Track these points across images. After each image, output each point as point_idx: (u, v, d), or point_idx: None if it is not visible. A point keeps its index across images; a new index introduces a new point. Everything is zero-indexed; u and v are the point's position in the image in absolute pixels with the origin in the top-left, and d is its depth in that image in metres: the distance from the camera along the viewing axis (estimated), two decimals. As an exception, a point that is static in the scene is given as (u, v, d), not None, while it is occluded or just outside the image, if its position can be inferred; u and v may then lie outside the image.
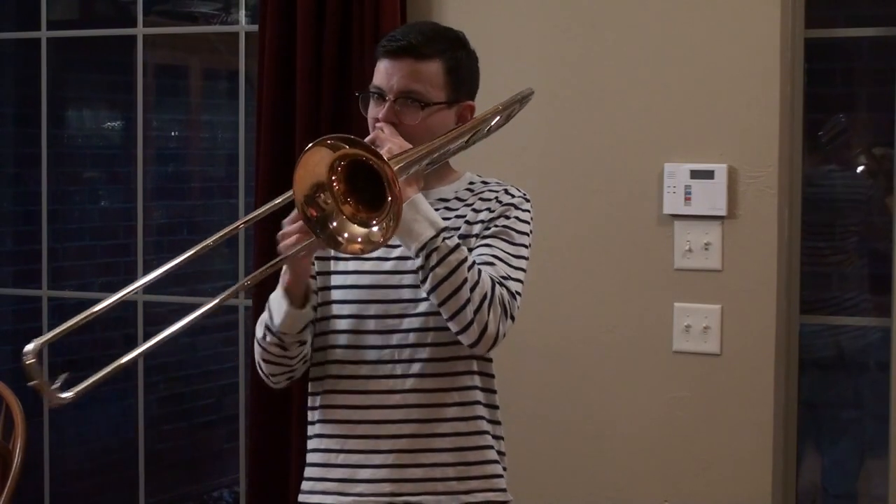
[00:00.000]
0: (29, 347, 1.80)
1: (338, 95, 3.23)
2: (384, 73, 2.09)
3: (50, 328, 3.98)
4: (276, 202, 2.01)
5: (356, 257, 2.10)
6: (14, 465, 2.81)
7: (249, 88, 3.70)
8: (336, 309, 2.12)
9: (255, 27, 3.46)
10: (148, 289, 3.87)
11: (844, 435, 3.58)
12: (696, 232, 3.03)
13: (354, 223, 1.85)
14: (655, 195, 3.06)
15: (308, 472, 2.18)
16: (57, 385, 1.81)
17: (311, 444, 2.18)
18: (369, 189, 1.83)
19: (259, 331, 2.10)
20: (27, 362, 1.79)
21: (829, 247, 3.30)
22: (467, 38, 2.19)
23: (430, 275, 1.95)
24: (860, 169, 3.41)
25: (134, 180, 3.90)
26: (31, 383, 1.78)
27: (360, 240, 1.85)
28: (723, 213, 2.99)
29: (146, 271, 3.87)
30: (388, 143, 1.98)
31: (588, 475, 3.15)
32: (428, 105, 2.07)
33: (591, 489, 3.14)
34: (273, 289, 2.71)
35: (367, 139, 2.03)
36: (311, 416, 2.18)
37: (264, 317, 2.08)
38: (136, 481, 3.92)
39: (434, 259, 1.94)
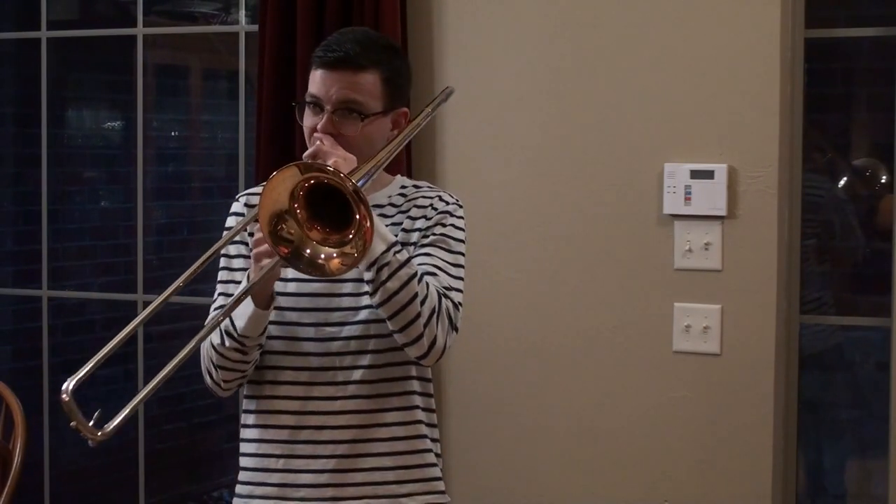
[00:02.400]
0: (64, 386, 1.80)
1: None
2: (321, 83, 2.09)
3: (50, 328, 4.02)
4: (237, 229, 2.04)
5: None
6: (14, 465, 2.81)
7: (249, 88, 3.70)
8: (275, 315, 2.12)
9: (255, 27, 3.46)
10: (148, 289, 3.90)
11: (844, 435, 3.58)
12: (696, 232, 3.03)
13: (325, 246, 1.86)
14: (655, 195, 3.06)
15: (244, 476, 2.19)
16: (93, 423, 1.83)
17: (247, 447, 2.19)
18: (329, 209, 1.84)
19: (216, 337, 2.08)
20: (64, 399, 1.79)
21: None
22: (400, 47, 2.24)
23: (381, 289, 1.97)
24: (842, 183, 3.40)
25: (134, 180, 3.90)
26: (71, 424, 1.81)
27: (335, 255, 1.85)
28: (723, 213, 2.99)
29: (146, 271, 3.89)
30: (332, 155, 2.00)
31: (588, 475, 3.14)
32: (367, 116, 2.08)
33: (591, 489, 3.14)
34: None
35: (308, 152, 2.05)
36: (247, 419, 2.19)
37: (223, 323, 2.05)
38: (136, 481, 3.92)
39: (385, 274, 1.96)
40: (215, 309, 2.17)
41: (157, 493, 4.32)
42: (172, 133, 4.86)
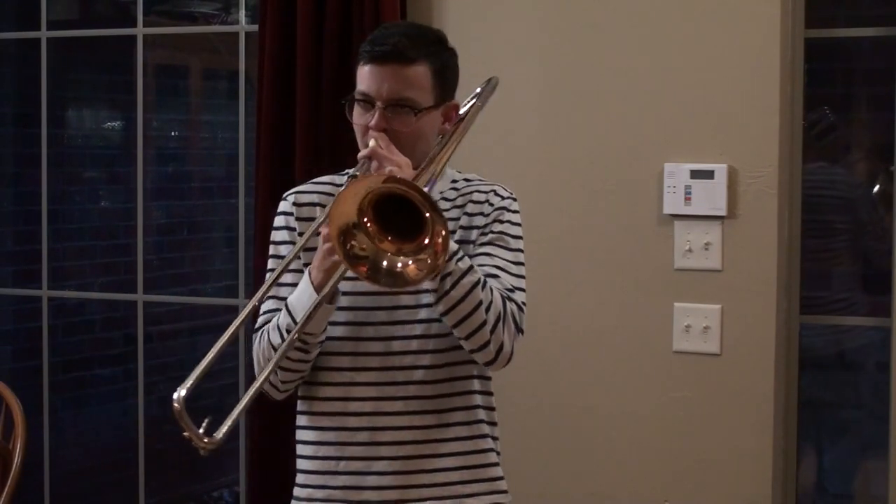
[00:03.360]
0: (175, 395, 1.81)
1: (338, 95, 3.22)
2: (371, 79, 2.04)
3: (50, 328, 4.02)
4: (307, 237, 1.99)
5: None
6: (14, 465, 2.81)
7: (249, 88, 3.70)
8: (334, 316, 2.07)
9: (255, 27, 3.46)
10: (148, 289, 3.90)
11: (844, 435, 3.58)
12: (696, 232, 3.03)
13: (400, 256, 1.82)
14: (655, 195, 3.06)
15: (304, 478, 2.16)
16: (203, 430, 1.80)
17: (305, 449, 2.16)
18: (396, 217, 1.81)
19: (275, 337, 2.03)
20: (176, 408, 1.79)
21: (818, 245, 3.29)
22: (446, 36, 2.16)
23: (445, 298, 1.94)
24: (876, 190, 3.39)
25: (134, 180, 3.90)
26: (184, 434, 1.80)
27: (411, 262, 1.82)
28: (723, 213, 2.99)
29: (146, 271, 3.89)
30: (389, 161, 1.95)
31: (588, 475, 3.14)
32: (419, 111, 2.04)
33: (591, 489, 3.14)
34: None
35: (363, 153, 2.01)
36: (302, 420, 2.16)
37: (283, 322, 2.02)
38: (136, 481, 3.92)
39: (448, 283, 1.92)
40: (265, 312, 2.11)
41: (157, 493, 4.32)
42: (172, 133, 4.86)
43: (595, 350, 3.12)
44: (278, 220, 2.17)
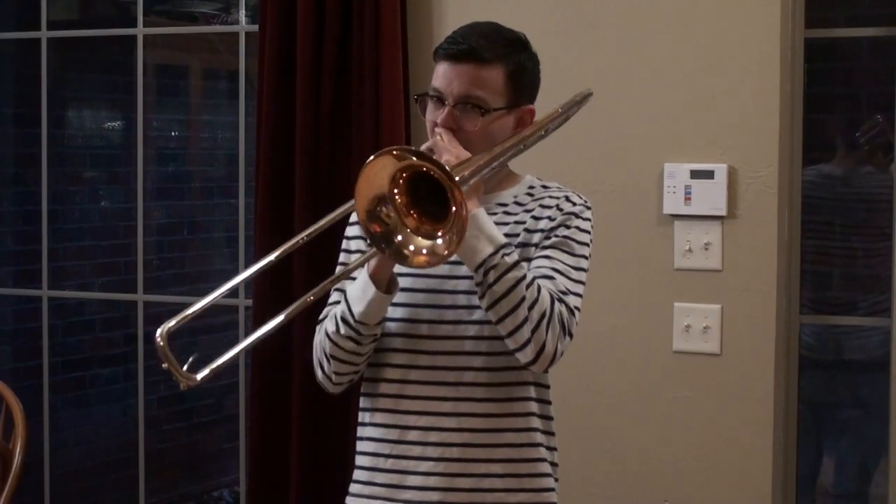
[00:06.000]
0: (159, 331, 1.77)
1: (338, 95, 3.23)
2: (444, 76, 2.05)
3: (50, 328, 4.02)
4: (338, 213, 1.97)
5: None
6: (14, 465, 2.81)
7: (249, 88, 3.70)
8: (390, 312, 2.06)
9: (255, 27, 3.46)
10: (148, 289, 3.91)
11: (845, 435, 3.58)
12: (696, 232, 3.03)
13: (419, 235, 1.82)
14: (655, 195, 3.06)
15: (356, 474, 2.14)
16: (186, 367, 1.78)
17: (361, 446, 2.14)
18: (431, 200, 1.80)
19: (331, 325, 2.03)
20: (159, 344, 1.76)
21: (863, 248, 3.29)
22: (528, 40, 2.15)
23: (488, 292, 1.92)
24: None
25: (134, 180, 3.90)
26: (164, 366, 1.77)
27: (424, 251, 1.81)
28: (723, 213, 3.00)
29: (146, 271, 3.90)
30: (446, 153, 1.94)
31: (588, 475, 3.15)
32: (488, 112, 2.03)
33: (591, 489, 3.14)
34: (277, 291, 2.64)
35: (425, 146, 1.99)
36: (363, 417, 2.14)
37: (339, 310, 2.02)
38: (136, 481, 3.92)
39: (492, 276, 1.91)
40: (329, 304, 2.11)
41: (157, 493, 4.32)
42: (172, 133, 4.87)
43: (595, 350, 3.12)
44: (352, 229, 2.16)
